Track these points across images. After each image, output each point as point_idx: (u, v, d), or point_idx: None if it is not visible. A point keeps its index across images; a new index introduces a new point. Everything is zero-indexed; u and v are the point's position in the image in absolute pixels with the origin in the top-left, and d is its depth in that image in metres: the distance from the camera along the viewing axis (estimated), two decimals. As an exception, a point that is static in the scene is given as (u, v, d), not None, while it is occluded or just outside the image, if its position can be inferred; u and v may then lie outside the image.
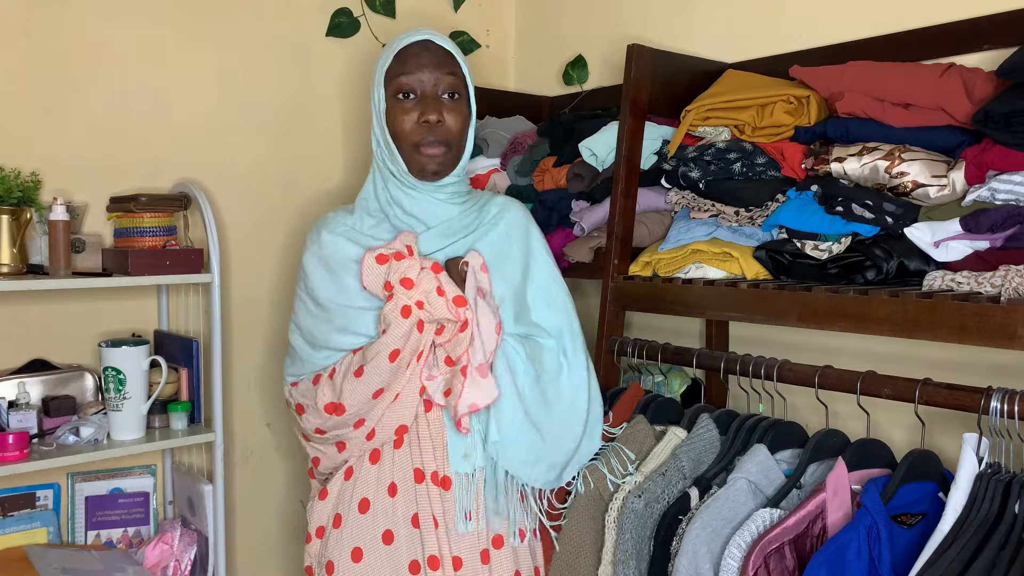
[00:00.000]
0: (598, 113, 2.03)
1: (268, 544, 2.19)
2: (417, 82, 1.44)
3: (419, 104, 1.44)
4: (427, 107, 1.43)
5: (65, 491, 1.86)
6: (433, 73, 1.44)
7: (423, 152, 1.44)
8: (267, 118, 2.15)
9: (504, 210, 1.54)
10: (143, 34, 1.96)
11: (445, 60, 1.46)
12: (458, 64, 1.48)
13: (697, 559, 1.27)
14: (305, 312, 1.52)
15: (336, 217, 1.54)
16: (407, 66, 1.44)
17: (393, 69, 1.46)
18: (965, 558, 1.10)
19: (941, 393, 1.25)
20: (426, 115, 1.43)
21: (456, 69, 1.47)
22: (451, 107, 1.45)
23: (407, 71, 1.44)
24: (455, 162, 1.48)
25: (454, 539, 1.42)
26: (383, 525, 1.42)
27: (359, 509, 1.43)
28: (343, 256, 1.47)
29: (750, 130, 1.63)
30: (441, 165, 1.46)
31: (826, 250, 1.49)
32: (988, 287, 1.24)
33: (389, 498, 1.43)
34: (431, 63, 1.44)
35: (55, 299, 1.87)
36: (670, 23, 2.12)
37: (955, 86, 1.40)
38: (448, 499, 1.42)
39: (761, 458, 1.37)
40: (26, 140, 1.82)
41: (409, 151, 1.45)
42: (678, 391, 1.85)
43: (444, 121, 1.44)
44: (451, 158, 1.47)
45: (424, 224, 1.48)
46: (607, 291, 1.72)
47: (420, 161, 1.45)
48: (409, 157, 1.45)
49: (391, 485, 1.43)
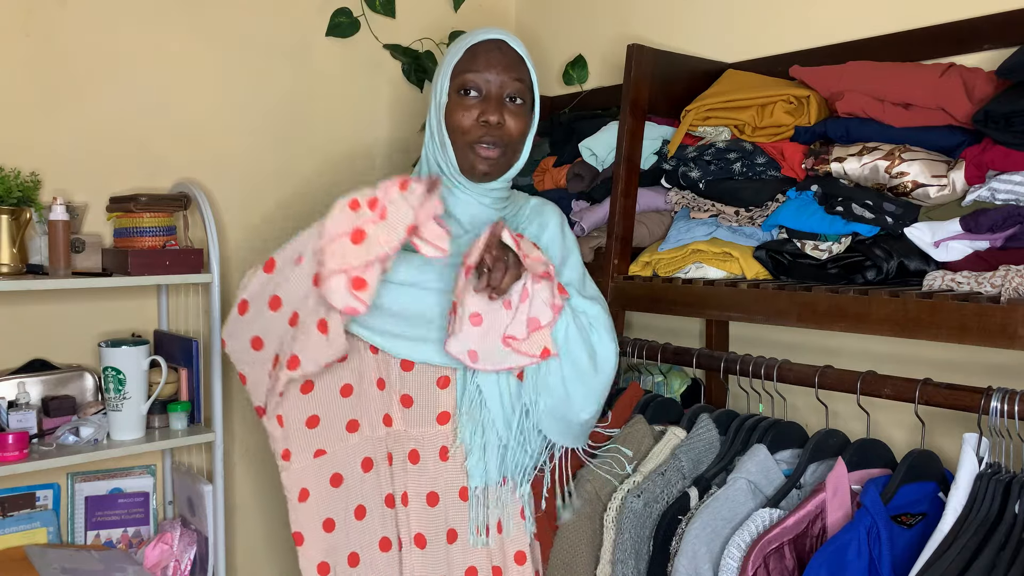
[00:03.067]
0: (598, 113, 2.03)
1: (268, 544, 2.19)
2: (484, 81, 1.39)
3: (482, 103, 1.39)
4: (489, 107, 1.38)
5: (65, 491, 1.86)
6: (501, 75, 1.39)
7: (478, 151, 1.39)
8: (267, 118, 2.15)
9: (536, 212, 1.51)
10: (143, 34, 1.96)
11: (516, 64, 1.41)
12: (528, 70, 1.43)
13: (696, 559, 1.27)
14: None
15: None
16: (476, 63, 1.39)
17: (461, 64, 1.40)
18: (965, 558, 1.10)
19: (941, 393, 1.25)
20: (487, 115, 1.38)
21: (525, 75, 1.42)
22: (514, 111, 1.40)
23: (475, 68, 1.39)
24: (507, 167, 1.43)
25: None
26: (380, 532, 1.42)
27: (355, 516, 1.42)
28: None
29: (750, 130, 1.63)
30: (492, 167, 1.40)
31: (826, 250, 1.49)
32: (988, 287, 1.24)
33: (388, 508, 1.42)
34: (501, 64, 1.39)
35: (55, 299, 1.87)
36: (670, 23, 2.12)
37: (955, 86, 1.40)
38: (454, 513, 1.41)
39: (761, 458, 1.37)
40: (26, 140, 1.82)
41: (463, 148, 1.40)
42: (678, 391, 1.85)
43: (504, 123, 1.39)
44: (504, 162, 1.42)
45: (462, 227, 1.42)
46: (607, 291, 1.72)
47: (472, 160, 1.40)
48: (462, 154, 1.40)
49: (388, 496, 1.42)
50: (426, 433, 1.40)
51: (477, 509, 1.41)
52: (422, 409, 1.40)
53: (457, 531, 1.41)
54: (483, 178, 1.41)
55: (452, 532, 1.41)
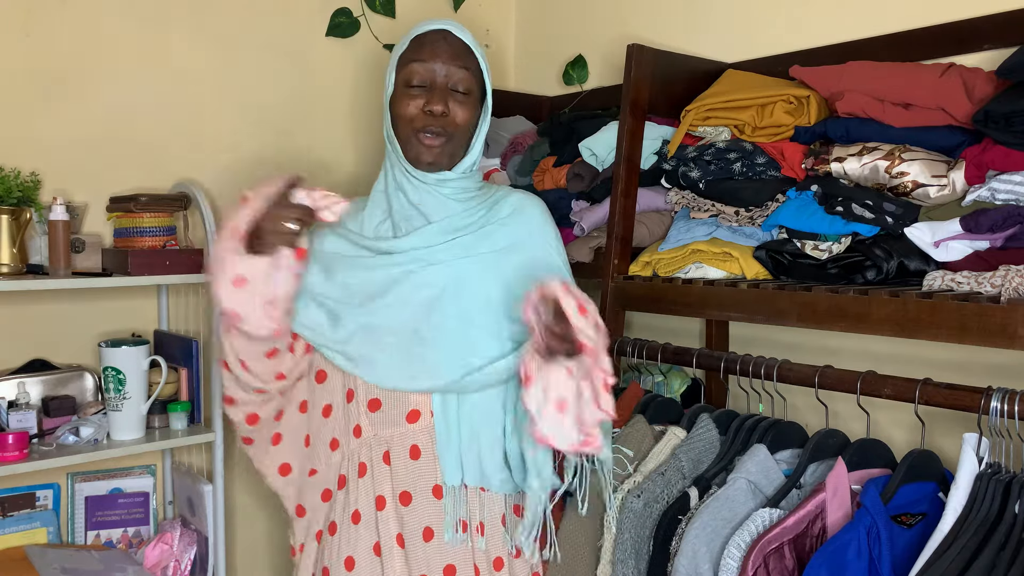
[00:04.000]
0: (598, 113, 2.03)
1: (268, 544, 2.19)
2: (428, 71, 1.39)
3: (427, 93, 1.38)
4: (434, 97, 1.37)
5: (65, 491, 1.86)
6: (447, 64, 1.38)
7: (421, 140, 1.38)
8: (267, 118, 2.15)
9: (518, 211, 1.47)
10: (143, 34, 1.96)
11: (462, 53, 1.40)
12: (475, 59, 1.42)
13: (696, 559, 1.27)
14: None
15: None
16: (422, 53, 1.39)
17: (407, 55, 1.41)
18: (965, 558, 1.10)
19: (941, 393, 1.25)
20: (431, 104, 1.37)
21: (471, 64, 1.41)
22: (460, 100, 1.39)
23: (421, 58, 1.39)
24: (454, 157, 1.42)
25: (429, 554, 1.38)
26: (346, 551, 1.38)
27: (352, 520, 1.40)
28: (337, 256, 1.42)
29: (750, 130, 1.63)
30: (437, 157, 1.39)
31: (826, 250, 1.49)
32: (988, 287, 1.24)
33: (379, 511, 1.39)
34: (446, 53, 1.39)
35: (55, 299, 1.87)
36: (670, 23, 2.12)
37: (955, 86, 1.40)
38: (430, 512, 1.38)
39: (761, 458, 1.37)
40: (26, 140, 1.82)
41: (408, 137, 1.39)
42: (678, 391, 1.85)
43: (449, 113, 1.38)
44: (449, 151, 1.40)
45: (425, 218, 1.41)
46: (607, 291, 1.72)
47: (416, 149, 1.39)
48: (407, 144, 1.39)
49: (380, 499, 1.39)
50: (394, 433, 1.38)
51: (455, 506, 1.37)
52: (390, 410, 1.38)
53: (433, 529, 1.38)
54: (429, 168, 1.40)
55: (428, 531, 1.38)
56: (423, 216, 1.42)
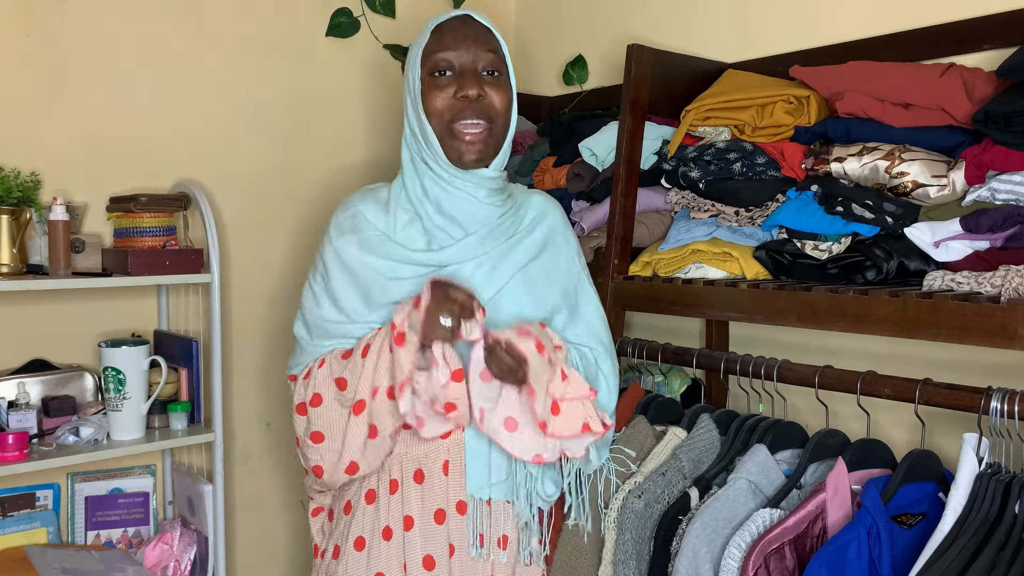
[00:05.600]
0: (598, 113, 2.03)
1: (268, 544, 2.19)
2: (455, 57, 1.31)
3: (457, 80, 1.31)
4: (466, 81, 1.29)
5: (65, 491, 1.86)
6: (473, 48, 1.31)
7: (461, 132, 1.30)
8: (267, 118, 2.15)
9: (542, 216, 1.44)
10: (143, 34, 1.96)
11: (485, 36, 1.33)
12: (499, 42, 1.35)
13: (697, 559, 1.27)
14: (318, 308, 1.38)
15: (366, 212, 1.39)
16: (445, 41, 1.31)
17: (430, 46, 1.33)
18: (965, 558, 1.10)
19: (941, 393, 1.25)
20: (464, 89, 1.29)
21: (497, 47, 1.34)
22: (493, 83, 1.32)
23: (445, 46, 1.31)
24: (497, 147, 1.34)
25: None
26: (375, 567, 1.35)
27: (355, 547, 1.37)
28: (371, 273, 1.35)
29: (750, 130, 1.63)
30: (482, 150, 1.31)
31: (826, 250, 1.49)
32: (988, 287, 1.24)
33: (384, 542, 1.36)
34: (471, 37, 1.31)
35: (55, 299, 1.87)
36: (670, 23, 2.12)
37: (955, 86, 1.40)
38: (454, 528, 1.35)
39: (761, 458, 1.37)
40: (26, 140, 1.82)
41: (445, 132, 1.31)
42: (678, 391, 1.85)
43: (486, 96, 1.30)
44: (493, 141, 1.32)
45: (462, 228, 1.34)
46: (607, 291, 1.72)
47: (457, 146, 1.31)
48: (446, 141, 1.31)
49: (386, 528, 1.36)
50: (428, 450, 1.35)
51: (478, 520, 1.35)
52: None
53: (455, 546, 1.35)
54: (475, 164, 1.32)
55: (451, 547, 1.35)
56: (459, 225, 1.35)
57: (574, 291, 1.45)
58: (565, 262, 1.45)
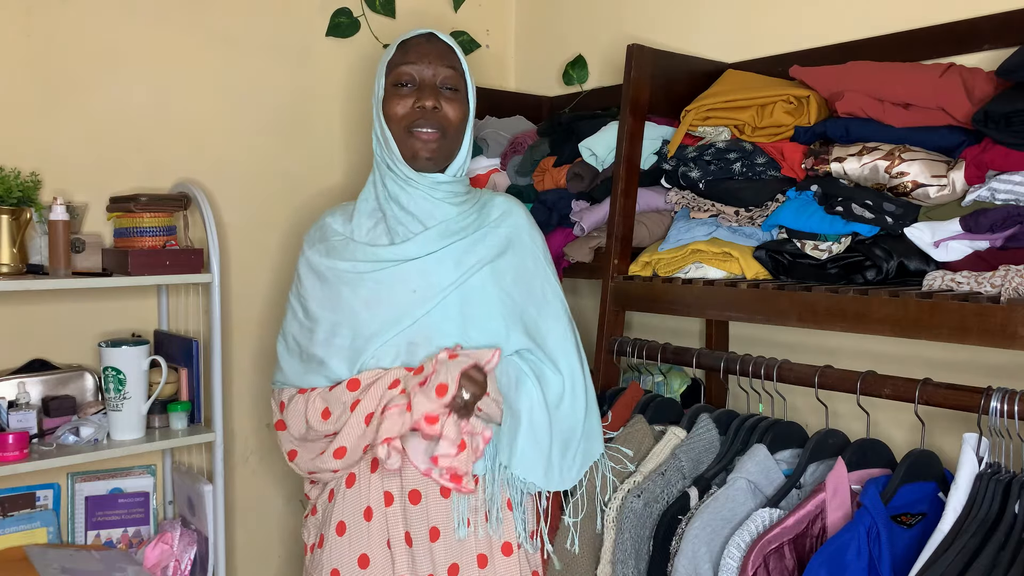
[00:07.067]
0: (598, 113, 2.03)
1: (268, 544, 2.19)
2: (417, 71, 1.45)
3: (416, 92, 1.44)
4: (424, 94, 1.43)
5: (65, 491, 1.86)
6: (433, 64, 1.45)
7: (416, 135, 1.43)
8: (267, 118, 2.15)
9: (507, 214, 1.52)
10: (143, 34, 1.96)
11: (446, 53, 1.47)
12: (459, 60, 1.48)
13: (696, 559, 1.27)
14: (293, 319, 1.50)
15: (332, 223, 1.52)
16: (408, 56, 1.45)
17: (395, 59, 1.47)
18: (965, 558, 1.10)
19: (941, 393, 1.25)
20: (422, 101, 1.43)
21: (456, 64, 1.48)
22: (449, 97, 1.45)
23: (408, 60, 1.45)
24: (450, 154, 1.47)
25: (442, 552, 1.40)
26: (359, 549, 1.40)
27: (336, 532, 1.42)
28: (335, 273, 1.46)
29: (750, 130, 1.63)
30: (435, 152, 1.44)
31: (826, 250, 1.49)
32: (988, 287, 1.24)
33: (365, 522, 1.41)
34: (432, 54, 1.45)
35: (55, 299, 1.87)
36: (670, 23, 2.12)
37: (955, 86, 1.40)
38: (437, 510, 1.40)
39: (761, 458, 1.37)
40: (26, 140, 1.82)
41: (402, 135, 1.44)
42: (678, 391, 1.85)
43: (441, 108, 1.44)
44: (445, 147, 1.46)
45: (421, 223, 1.45)
46: (607, 291, 1.72)
47: (413, 145, 1.43)
48: (402, 142, 1.44)
49: (367, 509, 1.41)
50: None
51: (459, 500, 1.39)
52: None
53: (440, 528, 1.40)
54: (427, 164, 1.44)
55: (434, 530, 1.39)
56: (419, 221, 1.45)
57: (541, 292, 1.49)
58: (531, 261, 1.50)
